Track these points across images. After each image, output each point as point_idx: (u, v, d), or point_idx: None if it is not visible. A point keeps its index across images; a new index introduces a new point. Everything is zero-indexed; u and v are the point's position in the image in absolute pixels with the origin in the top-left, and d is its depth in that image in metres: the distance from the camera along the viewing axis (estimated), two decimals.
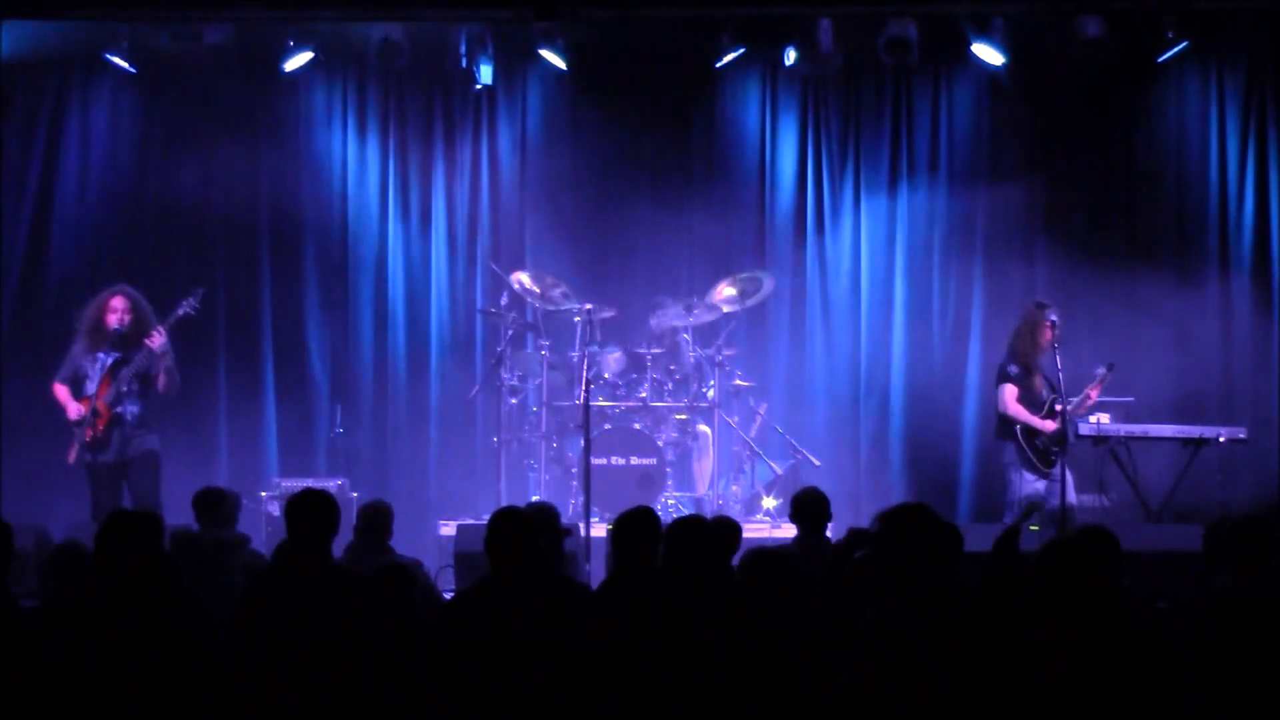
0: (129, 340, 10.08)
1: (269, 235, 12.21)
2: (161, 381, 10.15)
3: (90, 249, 12.03)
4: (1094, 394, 10.46)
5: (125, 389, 10.02)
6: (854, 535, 6.72)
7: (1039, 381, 10.45)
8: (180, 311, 10.28)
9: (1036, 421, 10.40)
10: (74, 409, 10.04)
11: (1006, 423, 10.49)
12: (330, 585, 5.82)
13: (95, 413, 9.96)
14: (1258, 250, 11.97)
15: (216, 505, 8.47)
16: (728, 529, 7.13)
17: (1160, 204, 12.17)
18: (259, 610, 5.79)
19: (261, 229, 12.19)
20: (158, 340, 10.02)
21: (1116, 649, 4.69)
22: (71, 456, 10.03)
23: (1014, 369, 10.51)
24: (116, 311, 10.11)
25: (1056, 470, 10.18)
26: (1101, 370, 10.49)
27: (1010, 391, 10.48)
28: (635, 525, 6.17)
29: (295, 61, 11.75)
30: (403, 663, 5.81)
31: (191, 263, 12.08)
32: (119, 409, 10.02)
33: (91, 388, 10.00)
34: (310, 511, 5.87)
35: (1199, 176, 12.11)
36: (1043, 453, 10.37)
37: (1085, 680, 4.82)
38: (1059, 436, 10.23)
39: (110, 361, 10.03)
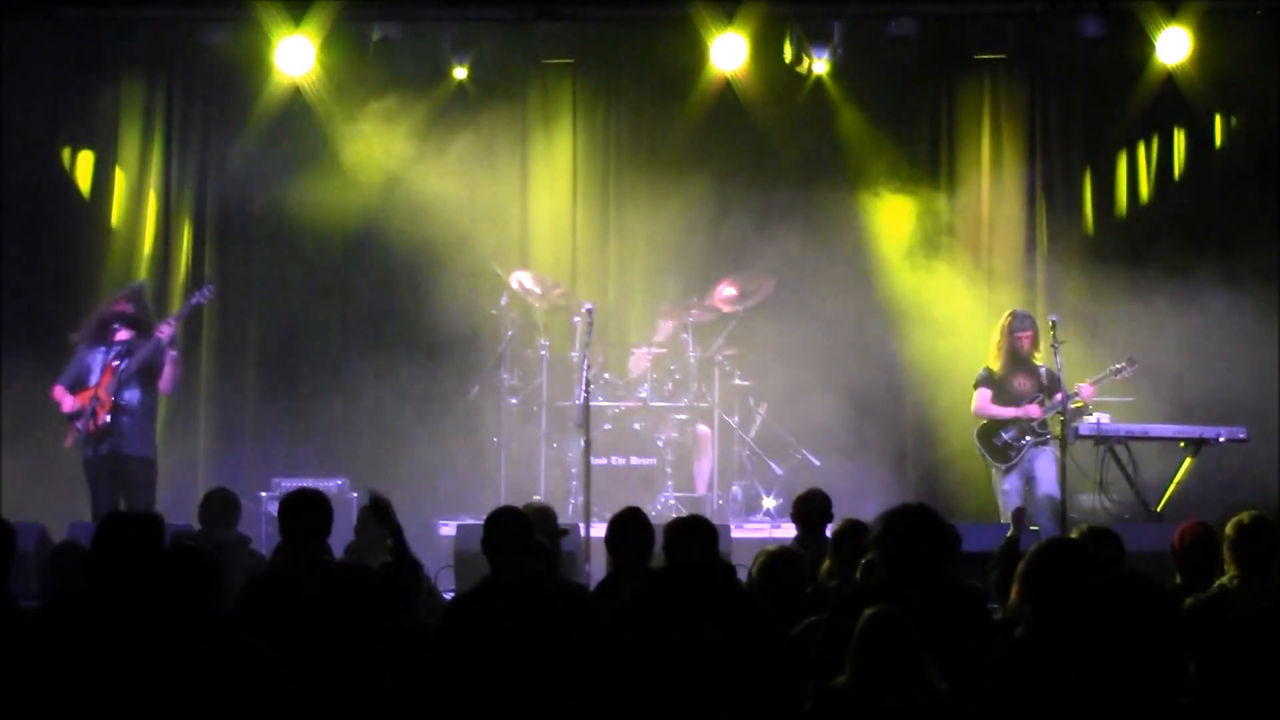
0: (134, 323, 10.05)
1: (268, 234, 12.21)
2: (166, 374, 10.15)
3: (90, 249, 12.05)
4: (1086, 391, 10.55)
5: (127, 379, 9.97)
6: (851, 525, 6.75)
7: (1019, 381, 10.62)
8: (194, 301, 10.30)
9: (995, 410, 10.68)
10: (69, 402, 10.01)
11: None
12: (328, 584, 5.82)
13: (98, 401, 9.92)
14: (1258, 249, 11.97)
15: (217, 506, 8.47)
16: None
17: (1161, 203, 12.17)
18: (258, 611, 5.80)
19: (261, 228, 12.19)
20: (166, 331, 10.00)
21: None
22: (68, 441, 10.01)
23: (982, 373, 10.86)
24: (123, 300, 10.15)
25: (1015, 458, 10.59)
26: (1118, 365, 10.59)
27: (977, 397, 10.84)
28: (629, 526, 6.19)
29: (295, 60, 11.75)
30: (402, 663, 5.81)
31: (191, 261, 12.10)
32: (122, 396, 9.97)
33: (94, 379, 9.98)
34: (302, 509, 5.88)
35: (1199, 175, 12.11)
36: (997, 449, 10.67)
37: (1086, 679, 4.81)
38: (1024, 429, 10.56)
39: (112, 354, 9.99)
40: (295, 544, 5.93)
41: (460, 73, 12.04)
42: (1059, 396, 10.32)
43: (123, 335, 10.05)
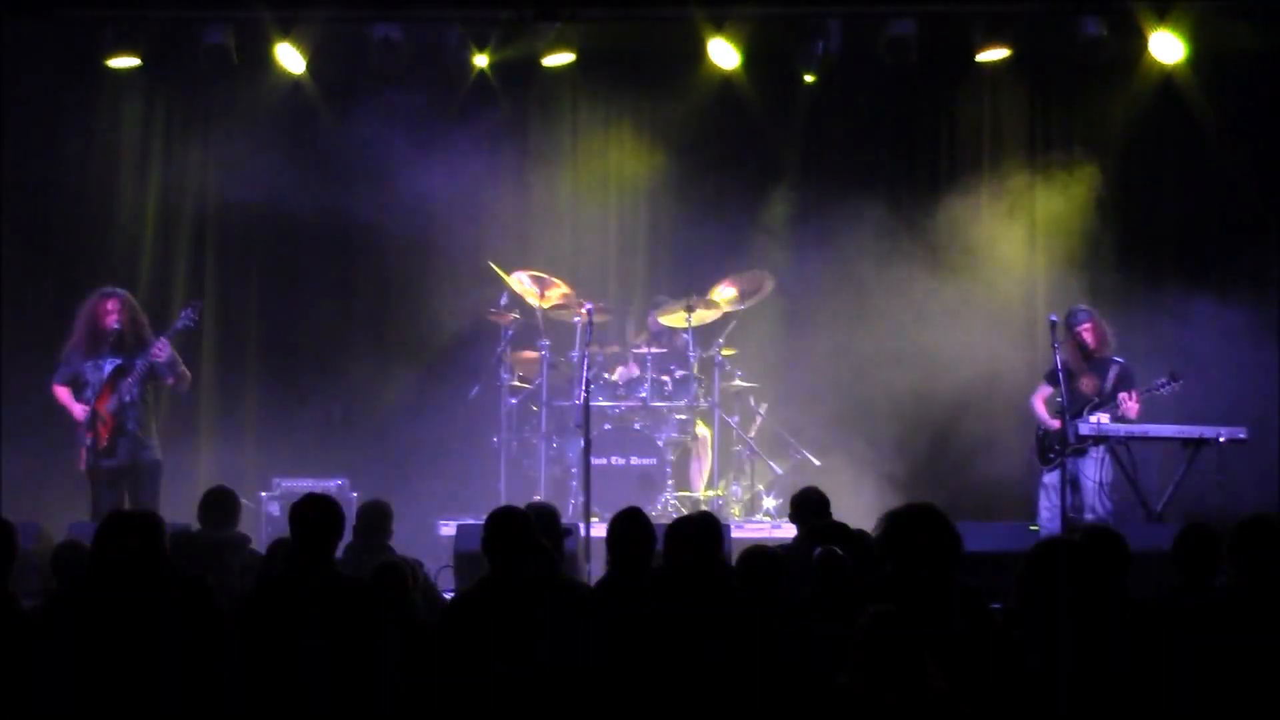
0: (127, 342, 10.06)
1: (268, 234, 12.21)
2: (172, 384, 10.21)
3: (90, 248, 12.05)
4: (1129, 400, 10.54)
5: (128, 398, 9.97)
6: (826, 526, 6.76)
7: (1084, 381, 10.58)
8: (179, 325, 10.28)
9: (1037, 411, 10.76)
10: (79, 410, 10.01)
11: None
12: (332, 590, 5.81)
13: (99, 419, 9.92)
14: (1258, 249, 11.97)
15: (216, 505, 8.47)
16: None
17: (1160, 203, 12.17)
18: (260, 614, 5.79)
19: (261, 228, 12.19)
20: (164, 352, 10.02)
21: (1118, 650, 4.69)
22: (82, 464, 10.01)
23: (1049, 370, 10.69)
24: (113, 313, 10.10)
25: (1055, 459, 10.50)
26: (1160, 381, 10.54)
27: (1038, 391, 10.84)
28: (628, 526, 6.19)
29: (294, 60, 11.74)
30: (403, 664, 5.80)
31: (190, 261, 12.09)
32: (123, 419, 9.98)
33: (93, 394, 9.97)
34: (315, 518, 5.87)
35: (1198, 174, 12.11)
36: (1044, 446, 10.66)
37: (1086, 681, 4.82)
38: (1060, 436, 10.42)
39: (111, 370, 9.99)
40: (303, 549, 5.90)
41: (460, 72, 12.02)
42: (1125, 396, 10.38)
43: (118, 351, 10.04)
